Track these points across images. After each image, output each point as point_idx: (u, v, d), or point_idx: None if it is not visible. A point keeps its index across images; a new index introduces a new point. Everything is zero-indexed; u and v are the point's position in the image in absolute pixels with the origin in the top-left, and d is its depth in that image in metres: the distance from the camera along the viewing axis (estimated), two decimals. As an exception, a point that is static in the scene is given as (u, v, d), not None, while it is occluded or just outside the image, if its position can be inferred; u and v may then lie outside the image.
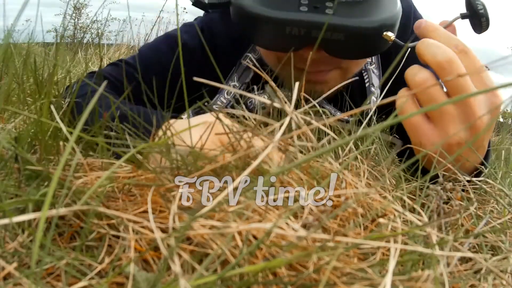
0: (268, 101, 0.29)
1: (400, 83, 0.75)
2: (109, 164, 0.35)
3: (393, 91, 0.72)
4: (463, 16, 0.51)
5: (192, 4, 0.67)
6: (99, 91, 0.27)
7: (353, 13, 0.55)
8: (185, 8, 3.19)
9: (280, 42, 0.57)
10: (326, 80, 0.64)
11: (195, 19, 0.80)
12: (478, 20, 0.50)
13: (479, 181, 0.46)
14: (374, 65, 0.76)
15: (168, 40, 0.75)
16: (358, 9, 0.55)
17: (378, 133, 0.42)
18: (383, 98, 0.76)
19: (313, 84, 0.63)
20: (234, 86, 0.72)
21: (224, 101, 0.71)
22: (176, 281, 0.21)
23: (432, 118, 0.46)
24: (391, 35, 0.55)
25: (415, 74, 0.46)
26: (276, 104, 0.29)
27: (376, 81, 0.76)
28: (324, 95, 0.46)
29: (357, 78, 0.74)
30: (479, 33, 0.52)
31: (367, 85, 0.74)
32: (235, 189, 0.25)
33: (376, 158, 0.52)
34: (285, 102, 0.32)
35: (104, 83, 0.30)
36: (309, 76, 0.62)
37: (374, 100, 0.74)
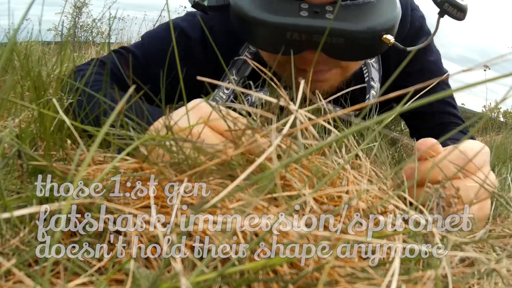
0: (273, 100, 0.29)
1: (399, 78, 0.77)
2: (111, 158, 0.35)
3: (393, 86, 0.72)
4: (440, 14, 0.55)
5: (192, 6, 0.67)
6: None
7: (352, 17, 0.55)
8: (185, 7, 3.18)
9: (281, 46, 0.57)
10: (326, 78, 0.64)
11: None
12: (448, 11, 0.54)
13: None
14: (373, 59, 0.76)
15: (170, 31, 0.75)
16: (357, 13, 0.56)
17: (381, 129, 0.42)
18: (384, 92, 0.76)
19: (314, 83, 0.63)
20: (233, 80, 0.73)
21: (224, 96, 0.72)
22: (176, 278, 0.21)
23: None
24: (390, 38, 0.55)
25: None
26: (282, 102, 0.29)
27: (375, 74, 0.76)
28: (331, 98, 0.46)
29: (364, 85, 0.74)
30: (460, 20, 0.55)
31: (366, 79, 0.75)
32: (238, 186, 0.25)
33: (378, 154, 0.52)
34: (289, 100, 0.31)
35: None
36: (307, 76, 0.62)
37: (374, 94, 0.75)
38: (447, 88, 0.77)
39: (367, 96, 0.74)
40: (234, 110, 0.36)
